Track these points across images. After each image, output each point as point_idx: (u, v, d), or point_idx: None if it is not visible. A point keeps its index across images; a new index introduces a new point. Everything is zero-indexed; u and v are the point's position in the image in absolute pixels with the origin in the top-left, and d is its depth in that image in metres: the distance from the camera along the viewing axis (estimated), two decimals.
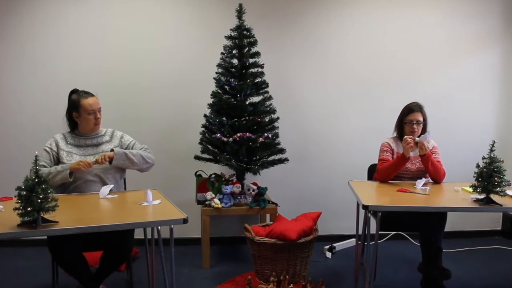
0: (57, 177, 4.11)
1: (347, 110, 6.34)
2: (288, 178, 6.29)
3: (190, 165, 5.78)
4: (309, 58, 6.22)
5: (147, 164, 4.46)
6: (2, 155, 5.91)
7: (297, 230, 4.77)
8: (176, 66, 6.04)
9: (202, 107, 5.66)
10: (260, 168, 5.46)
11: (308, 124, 6.30)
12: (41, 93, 5.88)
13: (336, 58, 6.26)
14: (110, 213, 3.68)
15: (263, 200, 5.42)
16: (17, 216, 3.01)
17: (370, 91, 6.33)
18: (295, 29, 6.18)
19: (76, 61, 5.90)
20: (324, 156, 6.36)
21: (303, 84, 6.24)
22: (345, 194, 5.26)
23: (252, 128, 5.44)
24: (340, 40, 6.25)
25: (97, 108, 4.37)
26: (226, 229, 6.24)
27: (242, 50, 5.47)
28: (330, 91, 6.28)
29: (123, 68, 5.96)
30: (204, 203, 5.42)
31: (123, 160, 4.30)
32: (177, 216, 3.44)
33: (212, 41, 5.89)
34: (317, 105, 6.28)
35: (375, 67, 6.31)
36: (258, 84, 5.50)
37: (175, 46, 6.04)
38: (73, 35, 5.90)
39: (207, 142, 5.50)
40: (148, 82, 6.01)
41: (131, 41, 5.97)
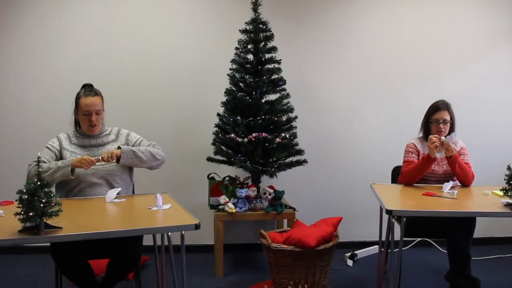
0: (57, 173, 4.10)
1: (369, 108, 6.33)
2: (306, 181, 6.28)
3: (203, 167, 5.78)
4: (329, 54, 6.21)
5: (157, 161, 4.45)
6: (2, 157, 5.95)
7: (316, 236, 4.73)
8: (187, 62, 6.06)
9: (215, 105, 5.63)
10: (277, 171, 5.43)
11: (328, 124, 6.29)
12: (43, 93, 5.92)
13: (357, 54, 6.25)
14: (117, 218, 3.68)
15: (280, 205, 5.40)
16: (18, 221, 2.99)
17: (395, 89, 6.32)
18: (314, 22, 6.17)
19: (82, 60, 5.93)
20: (345, 157, 6.35)
21: (322, 81, 6.24)
22: (368, 198, 5.28)
23: (269, 128, 5.41)
24: (360, 35, 6.25)
25: (93, 109, 4.35)
26: (241, 235, 6.24)
27: (257, 45, 5.45)
28: (351, 88, 6.28)
29: (132, 65, 5.99)
30: (218, 208, 5.41)
31: (131, 158, 4.29)
32: (188, 222, 3.42)
33: (226, 35, 5.92)
34: (337, 104, 6.28)
35: (399, 64, 6.30)
36: (274, 81, 5.48)
37: (186, 41, 6.05)
38: (79, 32, 5.93)
39: (220, 142, 5.49)
40: (158, 80, 6.04)
41: (140, 36, 5.99)
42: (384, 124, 6.34)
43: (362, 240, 6.28)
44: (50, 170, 4.10)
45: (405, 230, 4.01)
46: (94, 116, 4.35)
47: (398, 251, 4.13)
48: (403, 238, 4.06)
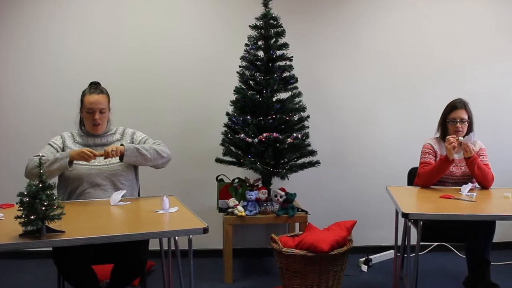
0: (54, 165, 4.10)
1: (384, 108, 6.31)
2: (319, 183, 6.27)
3: (211, 169, 5.77)
4: (342, 50, 6.20)
5: (162, 159, 4.43)
6: (2, 158, 5.96)
7: (329, 240, 4.72)
8: (195, 60, 6.06)
9: (224, 104, 5.62)
10: (288, 172, 5.42)
11: (341, 123, 6.28)
12: (44, 93, 5.94)
13: (372, 51, 6.24)
14: (122, 221, 3.66)
15: (291, 208, 5.38)
16: (19, 225, 2.98)
17: (411, 87, 6.30)
18: (327, 18, 6.16)
19: (84, 60, 5.95)
20: (360, 158, 6.33)
21: (335, 79, 6.22)
22: (383, 201, 5.30)
23: (280, 128, 5.41)
24: (375, 31, 6.24)
25: (97, 107, 4.35)
26: (251, 239, 6.24)
27: (268, 41, 5.44)
28: (366, 87, 6.26)
29: (137, 64, 6.01)
30: (227, 211, 5.41)
31: (135, 156, 4.27)
32: (196, 225, 3.40)
33: (235, 31, 5.92)
34: (351, 103, 6.26)
35: (415, 61, 6.28)
36: (286, 79, 5.47)
37: (194, 38, 6.06)
38: (81, 30, 5.95)
39: (229, 143, 5.48)
40: (164, 79, 6.05)
41: (145, 34, 6.00)
42: (399, 124, 6.31)
43: (377, 245, 6.27)
44: (48, 162, 4.09)
45: (422, 234, 4.01)
46: (97, 114, 4.35)
47: (415, 256, 4.12)
48: (420, 243, 4.05)
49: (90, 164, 4.25)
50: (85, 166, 4.25)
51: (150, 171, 4.53)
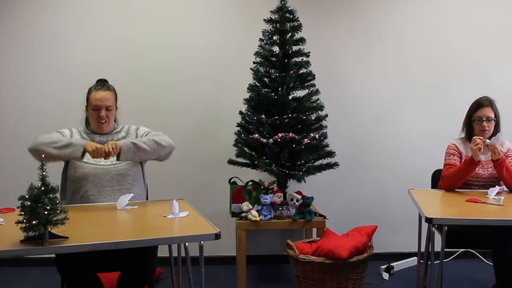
0: (66, 149, 4.08)
1: (407, 107, 6.31)
2: (338, 186, 6.27)
3: (223, 171, 5.76)
4: (362, 46, 6.21)
5: (164, 149, 4.38)
6: (3, 160, 5.98)
7: (348, 247, 4.73)
8: (206, 56, 6.07)
9: (237, 103, 5.61)
10: (305, 174, 5.41)
11: (362, 123, 6.28)
12: (46, 93, 5.96)
13: (393, 47, 6.25)
14: (129, 227, 3.66)
15: (308, 212, 5.35)
16: (20, 230, 2.96)
17: (435, 85, 6.30)
18: (346, 11, 6.17)
19: (88, 57, 5.97)
20: (381, 160, 6.33)
21: (355, 76, 6.23)
22: (405, 205, 5.33)
23: (296, 128, 5.40)
24: (397, 26, 6.24)
25: (103, 104, 4.35)
26: (265, 245, 6.25)
27: (284, 36, 5.43)
28: (388, 85, 6.27)
29: (145, 61, 6.03)
30: (240, 216, 5.39)
31: (133, 152, 4.22)
32: (208, 231, 3.38)
33: (249, 25, 5.94)
34: (371, 101, 6.27)
35: (440, 58, 6.28)
36: (303, 76, 5.45)
37: (205, 33, 6.08)
38: (85, 24, 5.97)
39: (243, 143, 5.49)
40: (174, 77, 6.07)
41: (153, 30, 6.03)
42: (423, 124, 6.31)
43: (399, 251, 6.26)
44: (60, 142, 4.09)
45: (446, 240, 3.97)
46: (103, 111, 4.35)
47: (439, 263, 4.08)
48: (444, 249, 4.02)
49: (96, 164, 4.25)
50: (91, 166, 4.25)
51: (158, 173, 4.52)
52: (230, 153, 5.62)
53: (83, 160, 4.19)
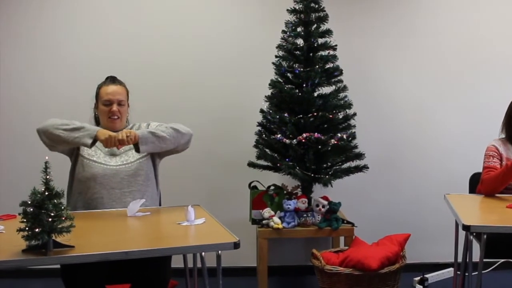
0: (77, 132, 4.06)
1: (443, 106, 6.31)
2: (367, 191, 6.28)
3: (243, 175, 5.76)
4: (394, 39, 6.23)
5: (183, 136, 4.38)
6: (3, 163, 6.00)
7: (379, 257, 4.73)
8: (223, 50, 6.10)
9: (258, 100, 5.62)
10: (332, 178, 5.38)
11: (394, 123, 6.29)
12: (51, 93, 5.99)
13: (429, 41, 6.26)
14: (141, 235, 3.65)
15: (335, 219, 5.35)
16: (22, 239, 2.94)
17: (473, 83, 6.31)
18: (376, 2, 6.18)
19: (96, 52, 6.00)
20: (414, 162, 6.33)
21: (386, 72, 6.25)
22: (441, 212, 5.36)
23: (322, 127, 5.40)
24: (433, 17, 6.24)
25: (115, 99, 4.35)
26: (289, 255, 6.25)
27: (309, 28, 5.43)
28: (423, 82, 6.28)
29: (157, 57, 6.07)
30: (261, 223, 5.39)
31: (152, 142, 4.19)
32: (226, 239, 3.36)
33: (271, 16, 5.97)
34: (404, 100, 6.28)
35: (478, 54, 6.30)
36: (329, 71, 5.45)
37: (223, 25, 6.11)
38: (93, 17, 6.01)
39: (264, 145, 5.49)
40: (189, 73, 6.10)
41: (166, 23, 6.07)
42: (460, 124, 6.31)
43: (434, 262, 6.25)
44: (72, 125, 4.07)
45: (485, 249, 3.93)
46: (115, 106, 4.35)
47: (477, 274, 4.06)
48: (483, 259, 3.97)
49: (106, 164, 4.25)
50: (100, 166, 4.25)
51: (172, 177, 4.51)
52: (250, 155, 5.62)
53: (92, 159, 4.19)
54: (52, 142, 4.12)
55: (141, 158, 4.32)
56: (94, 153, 4.25)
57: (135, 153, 4.27)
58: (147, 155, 4.37)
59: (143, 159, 4.33)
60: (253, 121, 5.64)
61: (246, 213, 5.75)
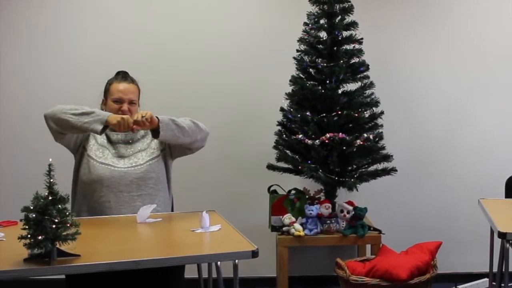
0: (86, 117, 4.00)
1: (478, 104, 6.32)
2: (395, 196, 6.28)
3: (261, 178, 5.78)
4: (426, 32, 6.23)
5: (201, 132, 4.34)
6: (4, 165, 6.02)
7: (408, 266, 4.73)
8: (240, 42, 6.13)
9: (278, 98, 5.62)
10: (357, 182, 5.39)
11: (425, 122, 6.28)
12: (57, 84, 5.99)
13: (464, 35, 6.27)
14: (152, 243, 3.65)
15: (361, 226, 5.36)
16: (24, 247, 2.92)
17: (509, 82, 6.26)
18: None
19: (104, 46, 6.03)
20: (446, 165, 6.32)
21: (416, 68, 6.25)
22: (475, 218, 5.42)
23: (347, 127, 5.40)
24: (469, 8, 6.20)
25: (126, 97, 4.33)
26: (311, 265, 6.25)
27: (332, 20, 5.45)
28: (456, 79, 6.27)
29: (169, 52, 6.09)
30: (281, 230, 5.39)
31: (171, 130, 4.13)
32: (243, 248, 3.32)
33: (292, 7, 5.99)
34: (435, 98, 6.28)
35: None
36: (354, 66, 5.46)
37: (240, 16, 6.13)
38: (100, 7, 6.02)
39: (284, 146, 5.50)
40: (203, 66, 6.11)
41: (179, 15, 6.09)
42: (495, 124, 6.30)
43: (467, 272, 6.22)
44: (81, 109, 4.03)
45: None
46: (126, 105, 4.32)
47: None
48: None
49: (113, 165, 4.23)
50: (107, 167, 4.22)
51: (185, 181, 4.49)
52: (269, 156, 5.62)
53: (99, 160, 4.18)
54: (60, 128, 4.07)
55: (152, 159, 4.30)
56: (101, 153, 4.24)
57: (145, 155, 4.25)
58: (159, 156, 4.35)
59: (153, 160, 4.31)
60: (272, 121, 5.64)
61: (265, 220, 5.73)
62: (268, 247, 5.75)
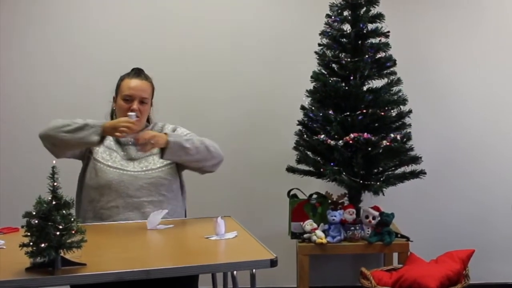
0: (80, 132, 4.03)
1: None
2: (424, 200, 6.26)
3: (280, 181, 5.77)
4: (459, 24, 6.21)
5: (213, 158, 4.34)
6: (4, 167, 6.04)
7: (438, 276, 4.72)
8: (258, 37, 6.15)
9: (298, 95, 5.60)
10: (383, 185, 5.36)
11: (456, 120, 6.27)
12: (66, 78, 6.02)
13: (501, 26, 6.19)
14: (163, 251, 3.65)
15: (388, 233, 5.32)
16: (26, 256, 2.92)
17: None
18: None
19: (113, 36, 6.06)
20: (480, 167, 6.29)
21: (448, 63, 6.24)
22: (510, 224, 5.07)
23: (372, 126, 5.38)
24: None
25: (138, 95, 4.32)
26: (334, 275, 6.26)
27: (357, 11, 5.43)
28: (492, 75, 6.24)
29: (183, 43, 6.12)
30: (302, 237, 5.37)
31: (178, 156, 4.19)
32: (261, 256, 3.31)
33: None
34: (470, 93, 6.26)
35: None
36: (380, 61, 5.45)
37: (257, 5, 6.12)
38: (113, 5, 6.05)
39: (305, 146, 5.50)
40: (218, 62, 6.12)
41: (193, 5, 6.08)
42: None
43: (502, 282, 6.24)
44: (74, 125, 4.04)
45: None
46: (137, 104, 4.31)
47: None
48: None
49: (122, 168, 4.22)
50: (116, 171, 4.23)
51: (199, 184, 4.47)
52: (289, 158, 5.61)
53: (107, 164, 4.18)
54: (57, 148, 4.11)
55: (165, 166, 4.29)
56: (108, 156, 4.23)
57: (157, 160, 4.25)
58: (172, 164, 4.34)
59: (166, 167, 4.30)
60: (292, 120, 5.62)
61: (285, 226, 5.72)
62: (287, 256, 5.71)
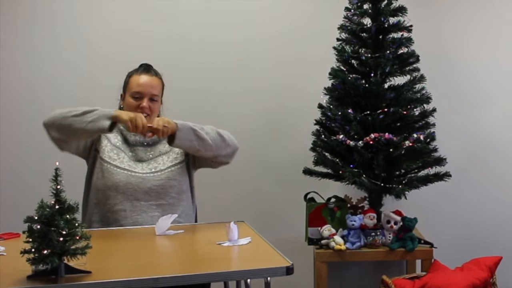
0: (89, 116, 3.97)
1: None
2: (449, 204, 6.24)
3: (297, 184, 5.78)
4: (488, 18, 6.20)
5: (227, 147, 4.34)
6: (4, 169, 6.05)
7: (464, 284, 4.74)
8: (274, 31, 6.13)
9: (316, 93, 5.60)
10: (406, 188, 5.33)
11: (483, 120, 6.25)
12: (72, 73, 6.04)
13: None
14: (172, 258, 3.64)
15: (411, 238, 5.30)
16: (28, 263, 2.92)
17: None
18: None
19: (121, 27, 6.05)
20: (508, 168, 6.26)
21: (475, 58, 6.22)
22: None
23: (394, 126, 5.36)
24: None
25: (147, 92, 4.32)
26: (353, 282, 6.21)
27: (378, 4, 5.40)
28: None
29: (194, 35, 6.11)
30: (319, 243, 5.36)
31: (189, 140, 4.14)
32: (276, 263, 3.30)
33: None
34: (499, 91, 6.24)
35: None
36: (403, 57, 5.42)
37: (273, 2, 6.08)
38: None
39: (323, 147, 5.48)
40: (231, 57, 6.14)
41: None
42: None
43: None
44: (81, 109, 3.99)
45: None
46: (146, 101, 4.31)
47: None
48: None
49: (130, 170, 4.23)
50: (123, 172, 4.24)
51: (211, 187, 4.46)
52: (306, 160, 5.59)
53: (114, 164, 4.18)
54: (64, 135, 4.04)
55: (174, 165, 4.29)
56: (116, 156, 4.23)
57: (167, 160, 4.25)
58: (182, 163, 4.35)
59: (176, 167, 4.30)
60: (309, 119, 5.61)
61: (301, 231, 5.72)
62: (304, 263, 5.76)
